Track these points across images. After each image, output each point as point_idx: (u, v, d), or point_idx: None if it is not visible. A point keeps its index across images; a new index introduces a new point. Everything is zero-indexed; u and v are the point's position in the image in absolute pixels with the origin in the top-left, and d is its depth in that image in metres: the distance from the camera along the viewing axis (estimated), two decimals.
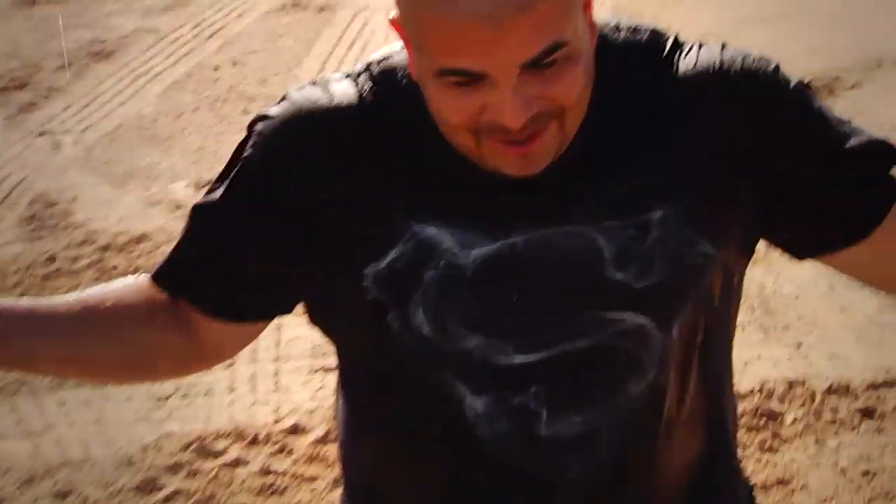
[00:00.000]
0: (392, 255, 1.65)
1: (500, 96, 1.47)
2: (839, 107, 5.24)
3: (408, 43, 1.57)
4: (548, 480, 1.74)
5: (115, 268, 4.83)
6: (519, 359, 1.65)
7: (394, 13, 1.57)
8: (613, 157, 1.63)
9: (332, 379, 3.05)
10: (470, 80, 1.48)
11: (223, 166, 1.73)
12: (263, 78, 6.71)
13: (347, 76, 1.70)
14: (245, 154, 1.70)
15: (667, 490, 1.80)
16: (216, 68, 6.84)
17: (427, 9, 1.46)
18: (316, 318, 1.76)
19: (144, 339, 1.77)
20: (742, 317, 1.77)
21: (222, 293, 1.76)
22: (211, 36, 7.32)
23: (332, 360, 1.82)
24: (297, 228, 1.68)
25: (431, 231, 1.64)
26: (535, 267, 1.63)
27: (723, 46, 1.67)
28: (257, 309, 1.77)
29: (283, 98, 1.73)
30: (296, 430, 3.67)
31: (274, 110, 1.71)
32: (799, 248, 1.73)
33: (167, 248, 1.99)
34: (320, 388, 3.80)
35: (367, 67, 1.69)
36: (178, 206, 5.29)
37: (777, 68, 1.66)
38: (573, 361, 1.64)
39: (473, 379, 1.66)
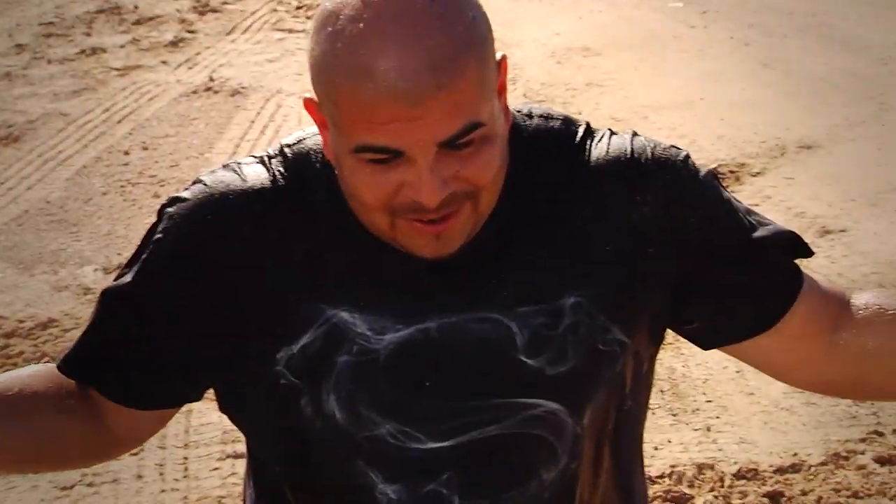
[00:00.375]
0: (305, 339, 1.62)
1: (417, 174, 1.46)
2: (745, 193, 5.38)
3: (322, 123, 1.56)
4: None
5: (20, 354, 4.70)
6: (431, 445, 1.63)
7: (308, 94, 1.56)
8: (526, 243, 1.63)
9: (242, 465, 2.99)
10: (387, 157, 1.47)
11: (133, 250, 1.69)
12: (175, 162, 6.58)
13: (260, 159, 1.68)
14: (155, 237, 1.67)
15: None
16: (126, 152, 6.68)
17: (346, 87, 1.46)
18: (227, 405, 1.71)
19: (53, 427, 1.70)
20: (652, 400, 1.78)
21: (131, 380, 1.71)
22: (121, 120, 7.16)
23: (243, 447, 1.77)
24: (209, 313, 1.64)
25: (344, 316, 1.62)
26: (449, 353, 1.61)
27: (633, 134, 1.68)
28: (167, 396, 1.73)
29: (195, 181, 1.69)
30: None
31: (185, 193, 1.68)
32: (704, 339, 1.74)
33: (75, 334, 1.95)
34: (230, 475, 3.72)
35: (280, 151, 1.67)
36: (87, 291, 5.18)
37: (687, 157, 1.67)
38: (486, 448, 1.61)
39: (385, 466, 1.63)
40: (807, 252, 1.73)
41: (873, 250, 5.00)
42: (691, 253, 1.66)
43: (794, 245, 1.72)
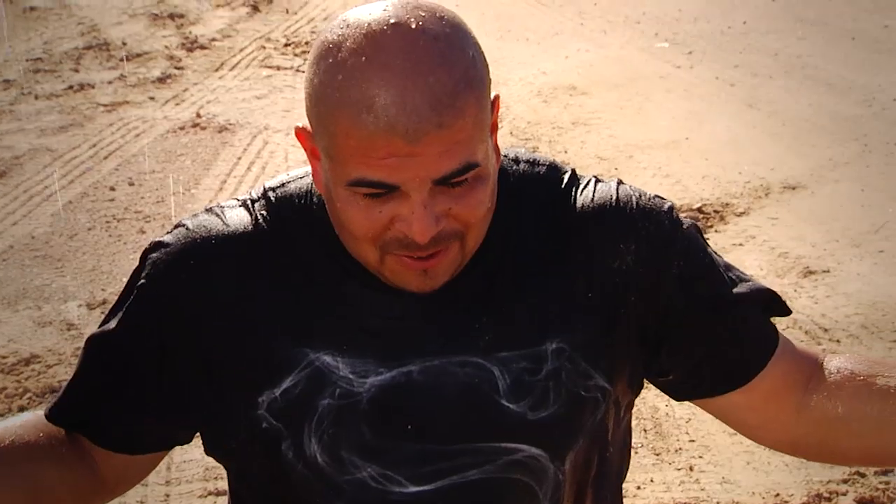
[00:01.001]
0: (287, 383, 1.63)
1: (410, 209, 1.46)
2: (729, 233, 5.45)
3: (314, 153, 1.56)
4: None
5: (2, 390, 4.69)
6: (413, 489, 1.63)
7: (301, 123, 1.56)
8: (509, 288, 1.63)
9: (223, 502, 3.02)
10: (382, 192, 1.47)
11: (118, 293, 1.70)
12: (161, 198, 6.56)
13: (243, 203, 1.68)
14: (139, 283, 1.67)
15: None
16: (112, 188, 6.67)
17: (345, 119, 1.45)
18: (211, 447, 1.72)
19: (45, 476, 1.70)
20: (635, 439, 1.77)
21: (120, 426, 1.71)
22: (108, 156, 7.13)
23: (225, 484, 1.80)
24: (193, 357, 1.64)
25: (327, 359, 1.62)
26: (430, 396, 1.61)
27: (619, 183, 1.69)
28: (156, 439, 1.73)
29: (177, 225, 1.69)
30: None
31: (167, 238, 1.68)
32: (677, 391, 1.74)
33: (58, 370, 1.96)
34: None
35: (264, 194, 1.67)
36: (70, 327, 5.16)
37: (671, 209, 1.67)
38: (467, 492, 1.61)
39: None
40: (784, 311, 1.74)
41: (856, 291, 5.04)
42: (671, 304, 1.66)
43: (771, 303, 1.74)
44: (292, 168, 1.69)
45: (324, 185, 1.56)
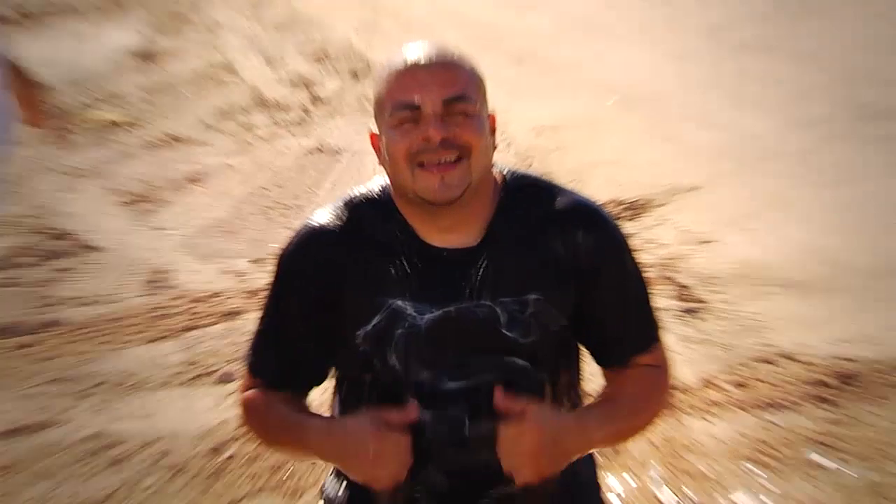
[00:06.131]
0: (376, 320, 1.70)
1: (428, 123, 1.55)
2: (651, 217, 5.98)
3: (377, 142, 1.63)
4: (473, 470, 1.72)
5: (197, 313, 5.22)
6: (451, 385, 1.70)
7: (372, 127, 1.62)
8: (509, 257, 1.70)
9: None
10: (410, 115, 1.54)
11: (271, 257, 1.75)
12: (296, 195, 6.88)
13: (332, 209, 1.73)
14: (283, 260, 1.77)
15: None
16: (268, 189, 6.99)
17: (390, 79, 1.58)
18: (336, 365, 1.84)
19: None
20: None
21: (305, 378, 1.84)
22: (264, 169, 7.37)
23: None
24: (320, 312, 1.75)
25: (400, 303, 1.70)
26: (462, 327, 1.68)
27: (582, 197, 1.75)
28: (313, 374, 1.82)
29: (299, 229, 1.74)
30: None
31: (294, 238, 1.75)
32: (593, 355, 1.80)
33: (232, 301, 3.05)
34: None
35: (347, 202, 1.75)
36: (240, 274, 5.68)
37: (607, 218, 1.73)
38: (484, 387, 1.66)
39: (423, 399, 1.67)
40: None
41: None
42: (591, 286, 1.73)
43: (650, 334, 1.85)
44: (372, 177, 1.84)
45: (382, 153, 1.60)
